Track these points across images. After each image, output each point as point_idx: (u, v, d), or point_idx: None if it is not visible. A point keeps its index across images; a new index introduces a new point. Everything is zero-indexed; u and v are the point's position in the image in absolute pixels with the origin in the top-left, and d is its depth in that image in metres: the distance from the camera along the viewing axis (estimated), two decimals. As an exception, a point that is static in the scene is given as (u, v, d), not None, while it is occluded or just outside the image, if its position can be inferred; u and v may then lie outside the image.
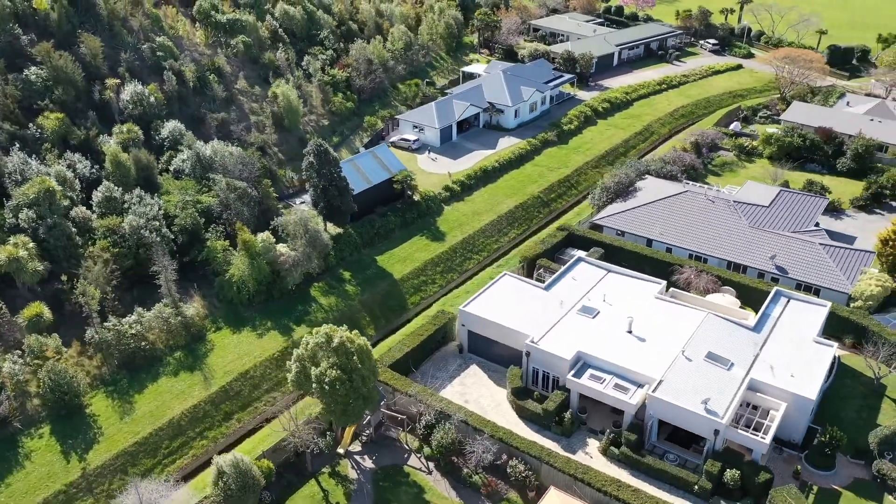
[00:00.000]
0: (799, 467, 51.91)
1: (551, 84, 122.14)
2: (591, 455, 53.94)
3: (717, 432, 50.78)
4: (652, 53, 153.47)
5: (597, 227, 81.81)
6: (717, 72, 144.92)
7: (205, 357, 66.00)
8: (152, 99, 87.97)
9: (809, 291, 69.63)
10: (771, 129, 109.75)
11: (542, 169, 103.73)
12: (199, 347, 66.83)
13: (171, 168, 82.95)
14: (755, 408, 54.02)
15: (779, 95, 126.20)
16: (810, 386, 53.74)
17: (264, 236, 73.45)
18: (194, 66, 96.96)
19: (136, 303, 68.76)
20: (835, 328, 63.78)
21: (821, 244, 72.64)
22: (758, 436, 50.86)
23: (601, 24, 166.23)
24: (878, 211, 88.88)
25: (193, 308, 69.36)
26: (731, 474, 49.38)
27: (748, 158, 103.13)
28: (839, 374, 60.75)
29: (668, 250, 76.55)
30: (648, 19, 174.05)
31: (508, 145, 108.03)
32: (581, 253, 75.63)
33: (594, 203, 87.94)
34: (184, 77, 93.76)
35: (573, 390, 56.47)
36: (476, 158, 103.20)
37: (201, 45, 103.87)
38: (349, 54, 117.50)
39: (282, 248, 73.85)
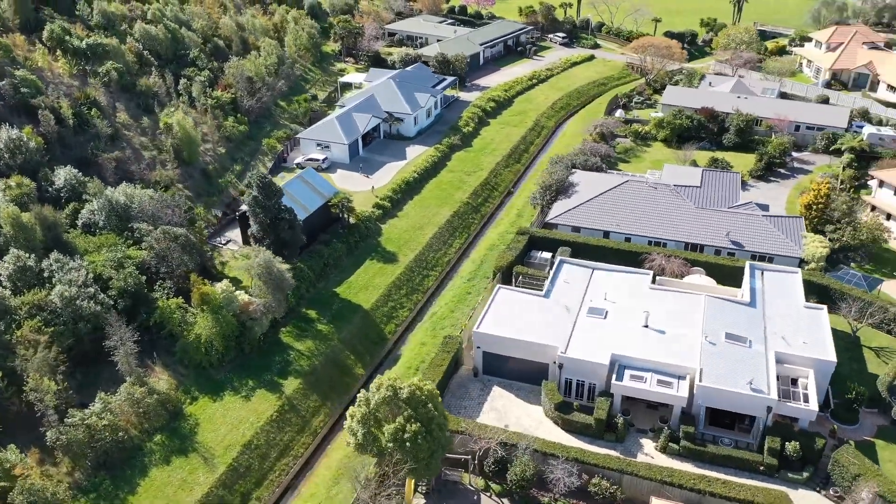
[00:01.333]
0: (835, 426, 55.46)
1: (439, 88, 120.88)
2: (652, 455, 53.76)
3: (769, 409, 52.72)
4: (511, 51, 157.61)
5: (549, 226, 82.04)
6: (575, 63, 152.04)
7: (193, 435, 56.98)
8: (32, 144, 74.51)
9: (763, 260, 74.85)
10: (655, 113, 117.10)
11: (459, 174, 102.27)
12: (181, 426, 57.60)
13: (80, 222, 70.82)
14: (782, 378, 56.82)
15: (644, 81, 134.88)
16: (827, 349, 57.62)
17: (223, 286, 65.08)
18: (67, 101, 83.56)
19: (82, 388, 57.97)
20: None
21: (763, 216, 78.47)
22: (802, 405, 53.57)
23: (452, 24, 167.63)
24: (772, 179, 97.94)
25: (164, 381, 59.75)
26: (792, 446, 51.52)
27: (644, 143, 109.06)
28: (818, 332, 66.00)
29: (628, 240, 78.63)
30: (492, 17, 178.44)
31: (418, 154, 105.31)
32: (546, 255, 75.64)
33: (536, 203, 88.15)
34: (61, 115, 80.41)
35: (617, 394, 55.92)
36: (392, 171, 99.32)
37: (65, 77, 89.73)
38: (225, 73, 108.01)
39: (244, 296, 65.88)
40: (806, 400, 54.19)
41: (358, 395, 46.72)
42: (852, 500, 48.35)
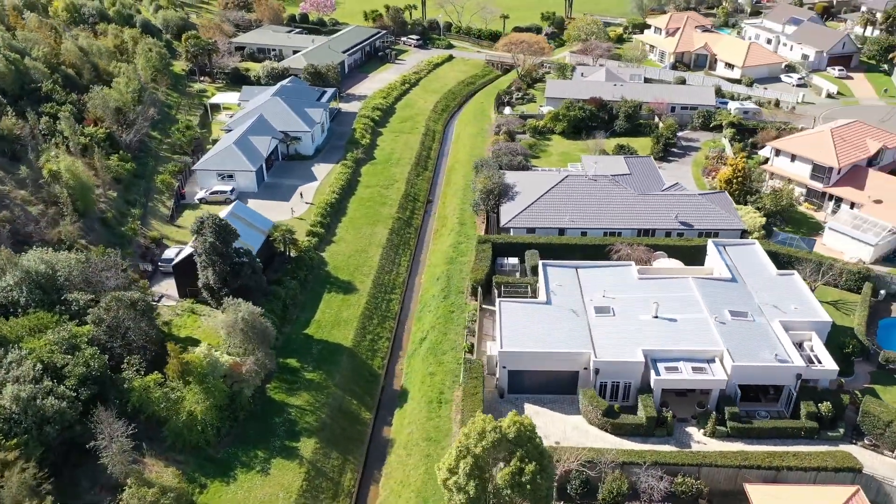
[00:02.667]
0: (843, 380, 59.95)
1: (324, 101, 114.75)
2: (704, 441, 54.63)
3: (798, 376, 55.72)
4: (371, 57, 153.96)
5: (504, 231, 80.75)
6: (438, 64, 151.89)
7: (222, 529, 48.95)
8: None
9: (709, 236, 79.26)
10: (543, 107, 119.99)
11: (376, 189, 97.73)
12: (201, 522, 49.22)
13: (-9, 303, 57.88)
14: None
15: (517, 77, 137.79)
16: (819, 311, 62.10)
17: (203, 349, 56.48)
18: (-78, 158, 68.17)
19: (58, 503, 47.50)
20: (756, 260, 73.98)
21: (700, 194, 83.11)
22: (820, 366, 57.25)
23: (301, 33, 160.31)
24: (671, 159, 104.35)
25: (167, 473, 50.52)
26: (825, 407, 54.84)
27: (543, 137, 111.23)
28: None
29: (584, 234, 79.59)
30: (336, 24, 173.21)
31: (325, 173, 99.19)
32: (513, 261, 74.60)
33: (479, 209, 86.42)
34: (-77, 175, 65.36)
35: (657, 389, 56.12)
36: (308, 195, 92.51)
37: None
38: (89, 106, 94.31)
39: (225, 357, 57.62)
40: (819, 361, 58.02)
41: (454, 447, 42.32)
42: (886, 444, 52.68)
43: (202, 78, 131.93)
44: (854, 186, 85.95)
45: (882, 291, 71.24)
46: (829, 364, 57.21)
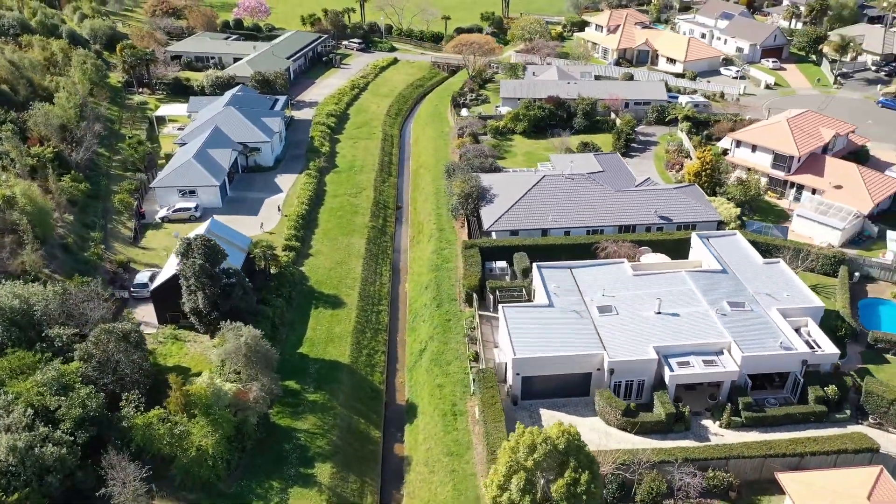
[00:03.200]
0: (839, 363, 61.84)
1: (278, 109, 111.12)
2: (722, 434, 55.24)
3: (804, 362, 57.15)
4: (315, 62, 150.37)
5: (486, 234, 79.95)
6: (383, 68, 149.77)
7: (249, 570, 46.09)
8: None
9: (687, 229, 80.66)
10: (500, 107, 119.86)
11: (345, 198, 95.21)
12: (227, 563, 46.26)
13: (-36, 346, 52.83)
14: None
15: (468, 78, 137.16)
16: (811, 297, 63.98)
17: (205, 379, 53.26)
18: None
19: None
20: (736, 250, 75.76)
21: (674, 188, 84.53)
22: (823, 351, 58.91)
23: (238, 39, 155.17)
24: (633, 154, 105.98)
25: (185, 516, 47.31)
26: (832, 390, 56.42)
27: (504, 138, 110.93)
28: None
29: (567, 233, 79.66)
30: (273, 30, 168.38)
31: (290, 184, 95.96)
32: (502, 264, 73.93)
33: (458, 213, 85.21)
34: None
35: (671, 384, 56.43)
36: (274, 208, 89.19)
37: None
38: (30, 124, 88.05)
39: (228, 385, 54.47)
40: (820, 346, 59.72)
41: (503, 462, 41.10)
42: (890, 422, 54.76)
43: (141, 90, 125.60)
44: (814, 173, 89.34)
45: (857, 273, 74.19)
46: (830, 348, 58.98)
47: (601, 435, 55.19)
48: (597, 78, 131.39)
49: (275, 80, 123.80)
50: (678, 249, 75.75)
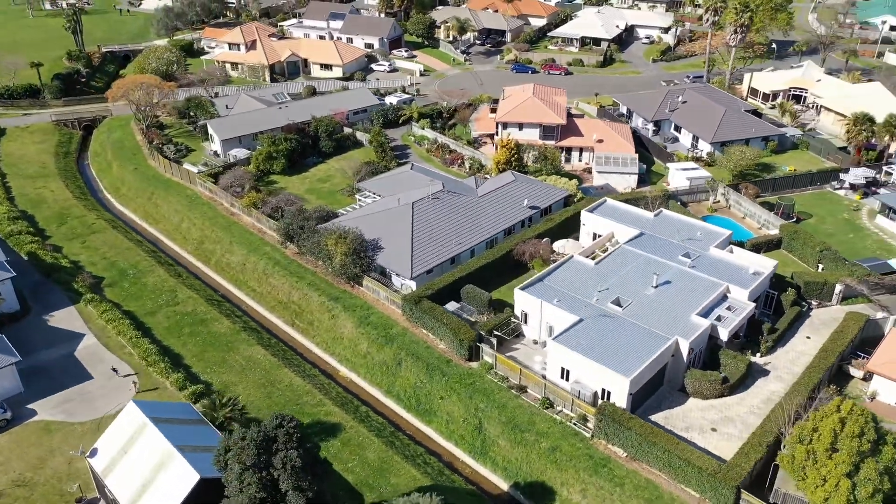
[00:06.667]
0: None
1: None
2: (769, 361, 62.92)
3: (772, 278, 68.29)
4: None
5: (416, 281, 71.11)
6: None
7: None
8: None
9: (549, 211, 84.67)
10: (212, 148, 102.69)
11: (171, 309, 72.19)
12: None
13: None
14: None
15: (141, 127, 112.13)
16: (711, 229, 75.11)
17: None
18: None
19: None
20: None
21: (516, 180, 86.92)
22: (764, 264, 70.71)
23: None
24: (402, 161, 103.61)
25: None
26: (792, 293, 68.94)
27: (262, 182, 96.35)
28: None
29: (473, 253, 76.07)
30: None
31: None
32: (455, 305, 68.08)
33: (350, 275, 72.67)
34: None
35: (726, 338, 60.92)
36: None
37: None
38: None
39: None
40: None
41: (841, 462, 40.50)
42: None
43: None
44: (575, 136, 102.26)
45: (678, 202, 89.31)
46: (766, 261, 71.40)
47: (715, 410, 57.49)
48: (293, 97, 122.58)
49: None
50: (570, 230, 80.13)
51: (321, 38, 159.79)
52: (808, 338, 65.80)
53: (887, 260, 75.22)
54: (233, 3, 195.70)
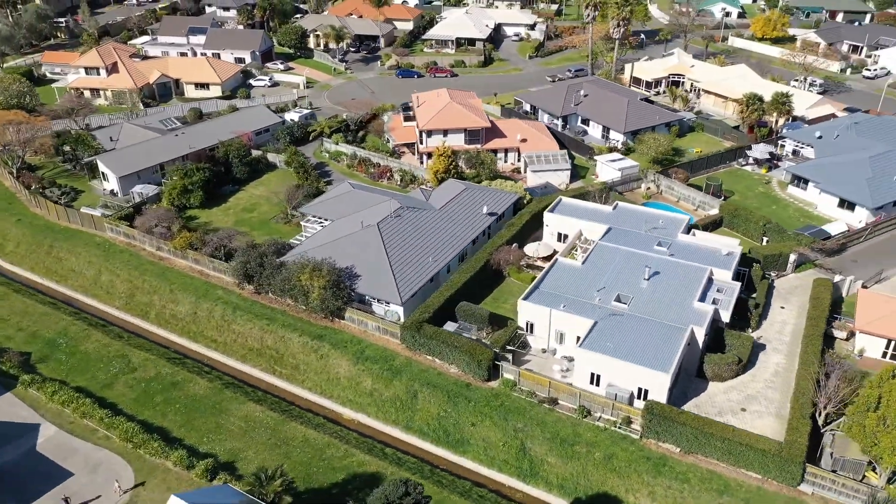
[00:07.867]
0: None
1: None
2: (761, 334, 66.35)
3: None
4: None
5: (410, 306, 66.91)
6: None
7: None
8: None
9: (502, 217, 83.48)
10: (105, 188, 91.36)
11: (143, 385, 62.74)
12: None
13: None
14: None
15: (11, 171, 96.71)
16: (678, 217, 78.05)
17: None
18: None
19: None
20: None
21: (467, 189, 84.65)
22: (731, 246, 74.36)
23: None
24: (329, 181, 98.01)
25: None
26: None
27: (183, 217, 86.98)
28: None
29: (449, 269, 73.24)
30: None
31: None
32: (452, 325, 65.48)
33: (330, 308, 67.01)
34: None
35: (728, 318, 63.52)
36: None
37: None
38: None
39: None
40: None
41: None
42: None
43: None
44: (498, 137, 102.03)
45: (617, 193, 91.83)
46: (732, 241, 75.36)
47: (739, 393, 59.53)
48: (184, 122, 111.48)
49: None
50: (535, 231, 79.80)
51: (182, 54, 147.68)
52: (783, 307, 70.44)
53: (821, 226, 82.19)
54: (62, 24, 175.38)
